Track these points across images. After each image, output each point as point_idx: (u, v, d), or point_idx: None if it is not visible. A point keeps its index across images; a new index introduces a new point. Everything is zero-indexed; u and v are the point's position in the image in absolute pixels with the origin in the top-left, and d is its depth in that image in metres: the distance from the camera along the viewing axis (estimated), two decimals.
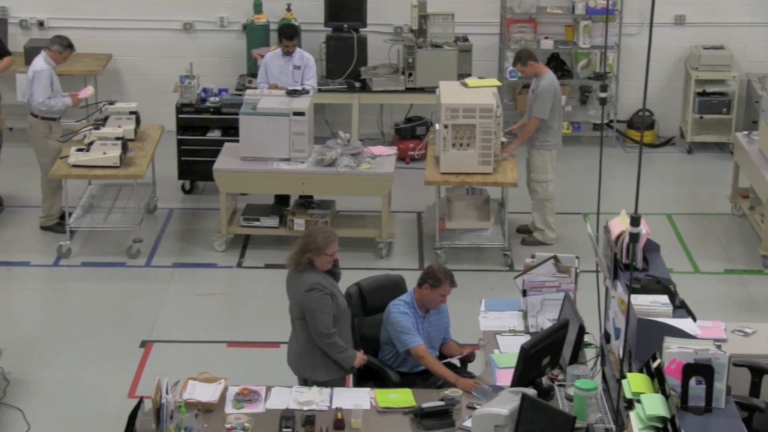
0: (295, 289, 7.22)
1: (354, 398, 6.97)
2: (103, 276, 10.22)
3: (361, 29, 12.79)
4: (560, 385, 6.96)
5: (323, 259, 7.18)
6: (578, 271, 7.76)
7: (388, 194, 10.60)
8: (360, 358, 7.27)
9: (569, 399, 6.73)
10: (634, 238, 5.63)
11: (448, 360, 7.54)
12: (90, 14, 13.17)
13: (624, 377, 6.24)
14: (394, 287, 7.81)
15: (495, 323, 7.78)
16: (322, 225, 7.40)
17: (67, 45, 10.73)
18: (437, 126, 10.44)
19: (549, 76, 10.64)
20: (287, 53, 11.12)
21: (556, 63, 13.14)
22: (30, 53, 11.97)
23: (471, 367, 7.77)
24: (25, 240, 10.86)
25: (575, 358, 7.08)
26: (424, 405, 6.77)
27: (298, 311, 7.23)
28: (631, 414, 5.99)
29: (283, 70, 11.11)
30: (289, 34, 11.12)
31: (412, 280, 7.80)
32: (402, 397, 6.99)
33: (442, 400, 6.83)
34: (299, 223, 10.61)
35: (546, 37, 13.08)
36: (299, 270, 7.20)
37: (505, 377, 7.01)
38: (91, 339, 9.14)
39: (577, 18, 13.08)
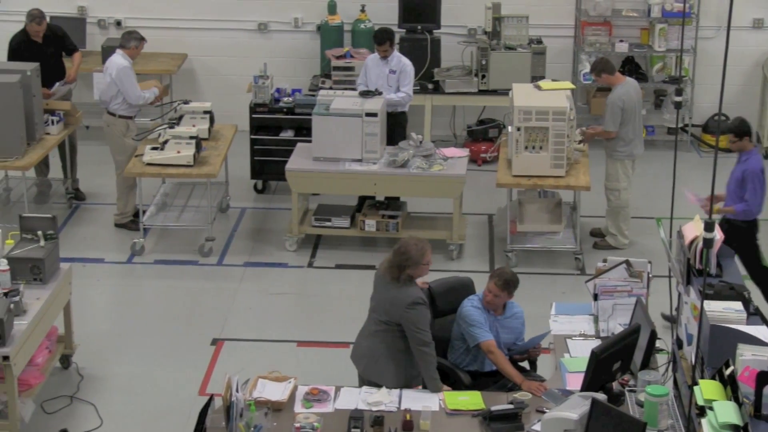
0: (393, 299, 7.16)
1: (423, 400, 6.96)
2: (175, 274, 10.32)
3: (434, 31, 12.78)
4: (631, 391, 6.89)
5: (421, 269, 7.20)
6: (651, 275, 7.67)
7: (460, 196, 10.58)
8: (444, 390, 7.22)
9: (640, 405, 6.65)
10: (708, 243, 5.56)
11: (518, 361, 7.52)
12: (166, 14, 13.32)
13: (696, 384, 6.15)
14: (463, 290, 7.79)
15: (565, 327, 7.72)
16: (408, 236, 7.37)
17: (138, 38, 10.86)
18: (510, 128, 10.40)
19: (621, 89, 10.47)
20: (383, 57, 11.07)
21: (630, 66, 13.02)
22: (107, 52, 12.12)
23: (541, 370, 7.73)
24: (100, 237, 11.01)
25: (646, 364, 7.00)
26: (494, 408, 6.74)
27: (386, 317, 7.21)
28: (703, 421, 5.90)
29: (380, 73, 11.06)
30: (378, 38, 11.08)
31: (481, 282, 7.77)
32: (471, 399, 6.97)
33: (511, 403, 6.80)
34: (370, 224, 10.62)
35: (621, 40, 12.97)
36: (399, 284, 7.18)
37: (575, 381, 6.96)
38: (163, 336, 9.24)
39: (653, 21, 12.95)
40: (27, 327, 7.61)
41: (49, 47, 11.40)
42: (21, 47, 11.36)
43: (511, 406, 6.75)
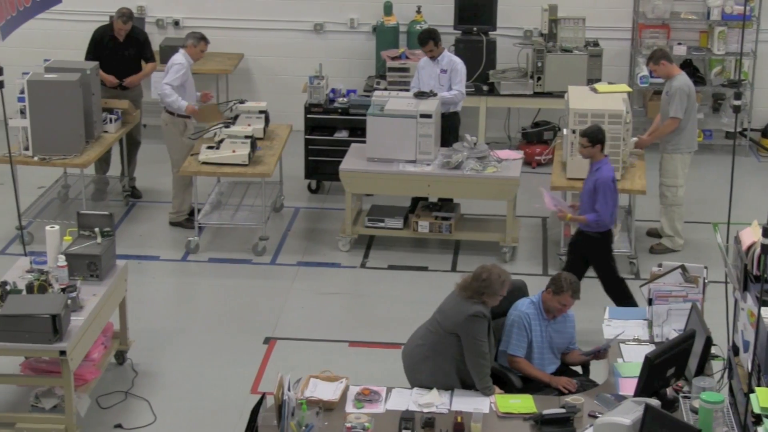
0: (455, 308, 7.17)
1: (474, 402, 6.95)
2: (229, 272, 10.38)
3: (490, 32, 12.76)
4: (685, 397, 6.83)
5: (496, 299, 7.21)
6: (706, 281, 7.60)
7: (514, 198, 10.54)
8: (496, 393, 7.20)
9: (694, 411, 6.59)
10: (766, 249, 5.49)
11: (572, 365, 7.48)
12: (223, 14, 13.41)
13: (752, 392, 6.09)
14: (516, 292, 7.75)
15: (619, 331, 7.67)
16: (493, 264, 7.32)
17: (200, 38, 10.93)
18: (565, 131, 10.34)
19: (682, 78, 10.45)
20: (431, 58, 11.04)
21: (689, 70, 12.87)
22: (165, 52, 12.25)
23: (594, 374, 7.68)
24: (156, 235, 11.09)
25: (701, 370, 6.93)
26: (545, 412, 6.71)
27: (444, 323, 7.20)
28: (759, 430, 5.84)
29: (431, 74, 11.03)
30: (420, 39, 11.07)
31: (534, 285, 7.74)
32: (523, 402, 6.95)
33: (563, 407, 6.76)
34: (423, 226, 10.62)
35: (679, 43, 12.86)
36: (464, 298, 7.18)
37: (628, 387, 6.91)
38: (217, 334, 9.29)
39: (712, 24, 12.83)
40: (83, 323, 7.69)
41: (128, 48, 11.53)
42: (102, 40, 11.52)
43: (563, 411, 6.71)
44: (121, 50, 11.50)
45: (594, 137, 9.01)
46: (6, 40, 9.47)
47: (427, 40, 10.96)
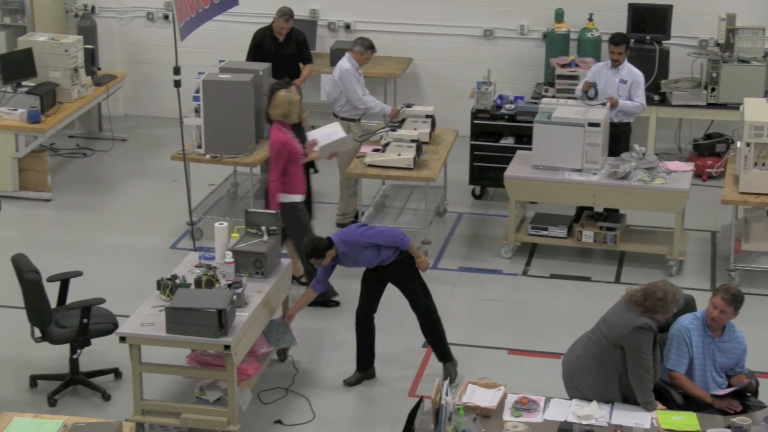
0: (622, 319, 7.07)
1: (635, 417, 6.82)
2: None
3: (663, 41, 12.52)
4: None
5: (668, 315, 7.10)
6: None
7: (682, 211, 10.32)
8: (658, 408, 7.06)
9: None
10: None
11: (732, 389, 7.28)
12: (394, 18, 13.51)
13: None
14: (683, 307, 7.58)
15: None
16: (664, 281, 7.18)
17: (369, 46, 11.04)
18: (739, 144, 10.08)
19: None
20: (614, 63, 10.86)
21: None
22: (335, 55, 12.41)
23: (763, 395, 7.45)
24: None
25: None
26: (709, 431, 6.54)
27: (608, 333, 7.10)
28: None
29: (609, 82, 10.83)
30: (615, 39, 10.81)
31: (702, 301, 7.56)
32: (686, 420, 6.79)
33: (728, 427, 6.59)
34: (588, 235, 10.49)
35: None
36: (632, 310, 7.08)
37: None
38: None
39: None
40: (248, 319, 7.85)
41: (287, 48, 11.76)
42: (263, 40, 11.79)
43: (728, 431, 6.53)
44: (280, 50, 11.72)
45: None
46: (183, 41, 9.76)
47: (622, 42, 10.72)
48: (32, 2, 13.47)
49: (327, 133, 10.22)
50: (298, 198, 9.41)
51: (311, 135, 9.99)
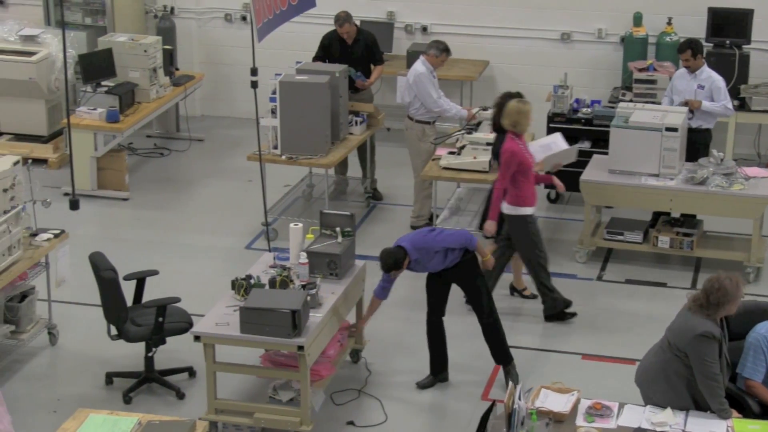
0: (684, 326, 7.00)
1: (710, 425, 6.74)
2: None
3: (744, 46, 12.36)
4: None
5: (736, 304, 7.00)
6: None
7: (761, 217, 10.18)
8: (734, 416, 6.96)
9: None
10: None
11: None
12: (470, 21, 13.49)
13: None
14: (761, 314, 7.48)
15: None
16: (714, 273, 7.10)
17: (443, 49, 11.03)
18: None
19: None
20: (688, 69, 10.72)
21: None
22: (411, 57, 12.42)
23: None
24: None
25: None
26: None
27: (674, 341, 7.03)
28: None
29: (687, 88, 10.74)
30: (679, 47, 10.74)
31: None
32: (762, 429, 6.70)
33: None
34: (664, 241, 10.38)
35: None
36: (698, 314, 7.00)
37: None
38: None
39: None
40: (321, 320, 7.89)
41: (356, 50, 11.77)
42: (331, 43, 11.81)
43: None
44: (349, 53, 11.73)
45: None
46: (260, 42, 9.83)
47: (686, 48, 10.66)
48: (113, 3, 13.69)
49: (546, 144, 10.22)
50: (529, 210, 9.41)
51: (531, 146, 9.95)
